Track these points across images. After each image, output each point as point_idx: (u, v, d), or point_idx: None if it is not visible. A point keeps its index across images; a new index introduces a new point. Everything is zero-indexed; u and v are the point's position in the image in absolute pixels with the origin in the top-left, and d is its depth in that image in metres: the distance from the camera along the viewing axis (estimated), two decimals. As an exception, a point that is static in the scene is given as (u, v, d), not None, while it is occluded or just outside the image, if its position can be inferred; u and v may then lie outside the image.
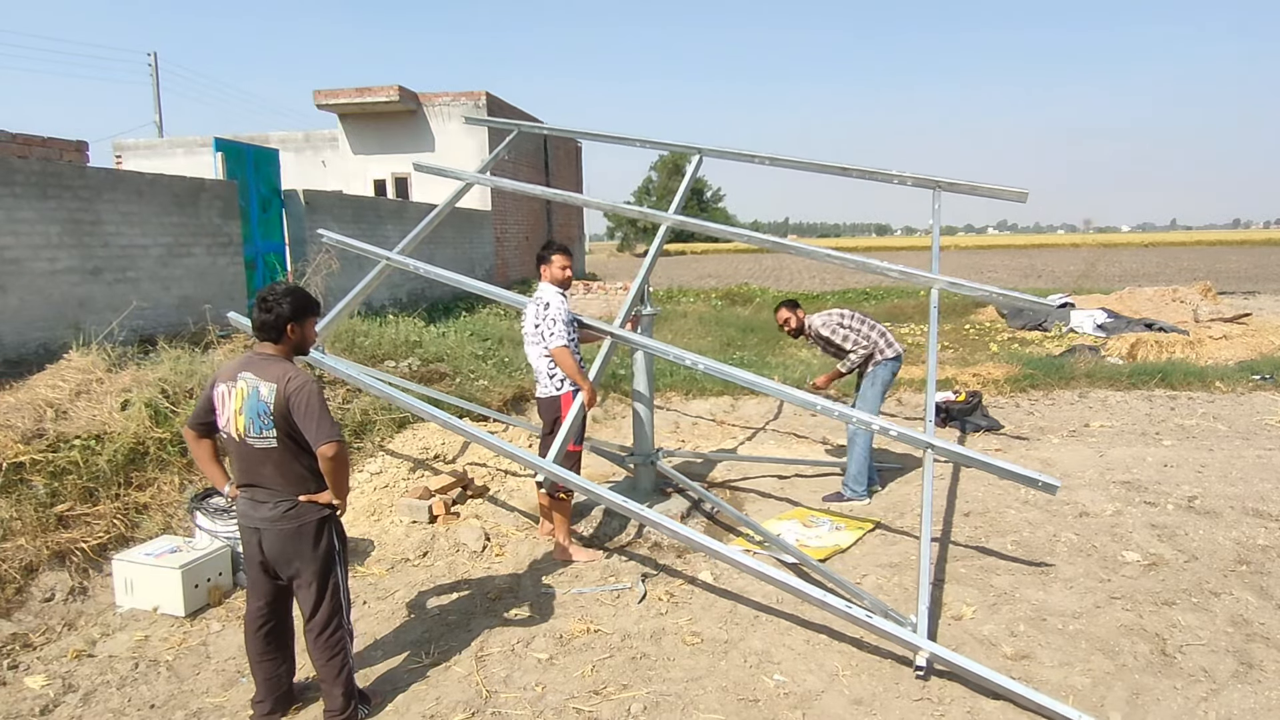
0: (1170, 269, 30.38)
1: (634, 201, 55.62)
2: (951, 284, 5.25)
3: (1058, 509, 5.18)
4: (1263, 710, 3.07)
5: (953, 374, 9.14)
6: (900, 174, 5.83)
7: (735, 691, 3.28)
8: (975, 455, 4.09)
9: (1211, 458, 6.25)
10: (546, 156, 20.95)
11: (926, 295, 5.35)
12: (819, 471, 6.42)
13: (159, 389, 5.37)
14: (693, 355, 4.74)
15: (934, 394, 4.86)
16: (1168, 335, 10.93)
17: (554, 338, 4.54)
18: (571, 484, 4.10)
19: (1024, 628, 3.73)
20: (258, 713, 3.15)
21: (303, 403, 2.90)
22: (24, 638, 3.78)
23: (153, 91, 31.04)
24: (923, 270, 5.41)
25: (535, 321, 4.67)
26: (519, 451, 4.31)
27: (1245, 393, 8.46)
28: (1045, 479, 3.78)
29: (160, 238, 7.54)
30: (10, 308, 6.10)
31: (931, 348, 5.04)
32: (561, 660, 3.57)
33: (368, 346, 7.64)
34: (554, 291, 4.70)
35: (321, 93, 16.38)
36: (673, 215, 5.77)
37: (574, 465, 4.65)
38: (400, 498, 5.41)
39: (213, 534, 4.37)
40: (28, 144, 7.03)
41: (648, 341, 5.02)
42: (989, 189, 5.69)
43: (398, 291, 12.15)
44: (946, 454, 4.18)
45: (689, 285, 21.63)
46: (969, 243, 77.98)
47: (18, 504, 4.28)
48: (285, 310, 3.03)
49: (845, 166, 5.91)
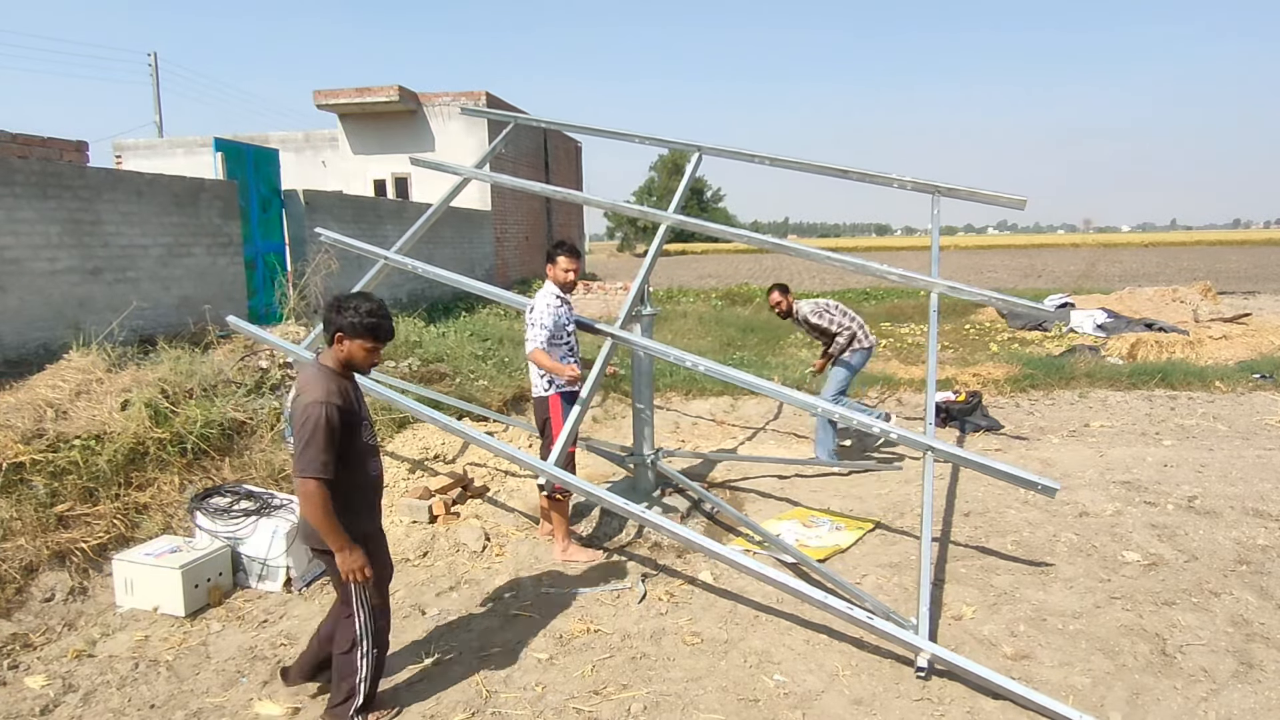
0: (1170, 269, 30.37)
1: (634, 201, 55.63)
2: (951, 288, 5.25)
3: (1058, 509, 5.18)
4: (1263, 710, 3.07)
5: (953, 374, 9.14)
6: (900, 178, 5.82)
7: (735, 691, 3.29)
8: (974, 458, 4.09)
9: (1211, 458, 6.25)
10: (546, 156, 20.96)
11: (926, 296, 5.35)
12: (819, 471, 6.42)
13: (159, 389, 5.37)
14: (693, 356, 4.74)
15: (934, 394, 4.86)
16: (1168, 335, 10.93)
17: (529, 342, 4.58)
18: (571, 485, 4.10)
19: (1024, 628, 3.73)
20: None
21: (298, 422, 2.83)
22: (24, 638, 3.78)
23: (153, 91, 31.04)
24: (922, 273, 5.42)
25: (528, 322, 4.69)
26: (516, 452, 4.31)
27: (1245, 393, 8.46)
28: (1045, 481, 3.78)
29: (160, 238, 7.54)
30: (10, 308, 6.10)
31: (931, 350, 5.04)
32: (561, 660, 3.57)
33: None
34: (549, 293, 4.69)
35: (321, 93, 16.39)
36: (672, 215, 5.77)
37: (568, 466, 4.64)
38: (400, 498, 5.41)
39: (213, 534, 4.37)
40: (28, 144, 7.03)
41: (647, 343, 5.02)
42: (987, 195, 5.68)
43: (397, 291, 12.15)
44: (946, 456, 4.18)
45: (689, 285, 21.62)
46: (969, 243, 77.94)
47: (18, 504, 4.28)
48: (341, 321, 2.92)
49: (845, 169, 5.91)
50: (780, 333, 12.80)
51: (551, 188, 7.02)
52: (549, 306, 4.63)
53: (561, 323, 4.68)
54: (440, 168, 7.24)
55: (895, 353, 10.74)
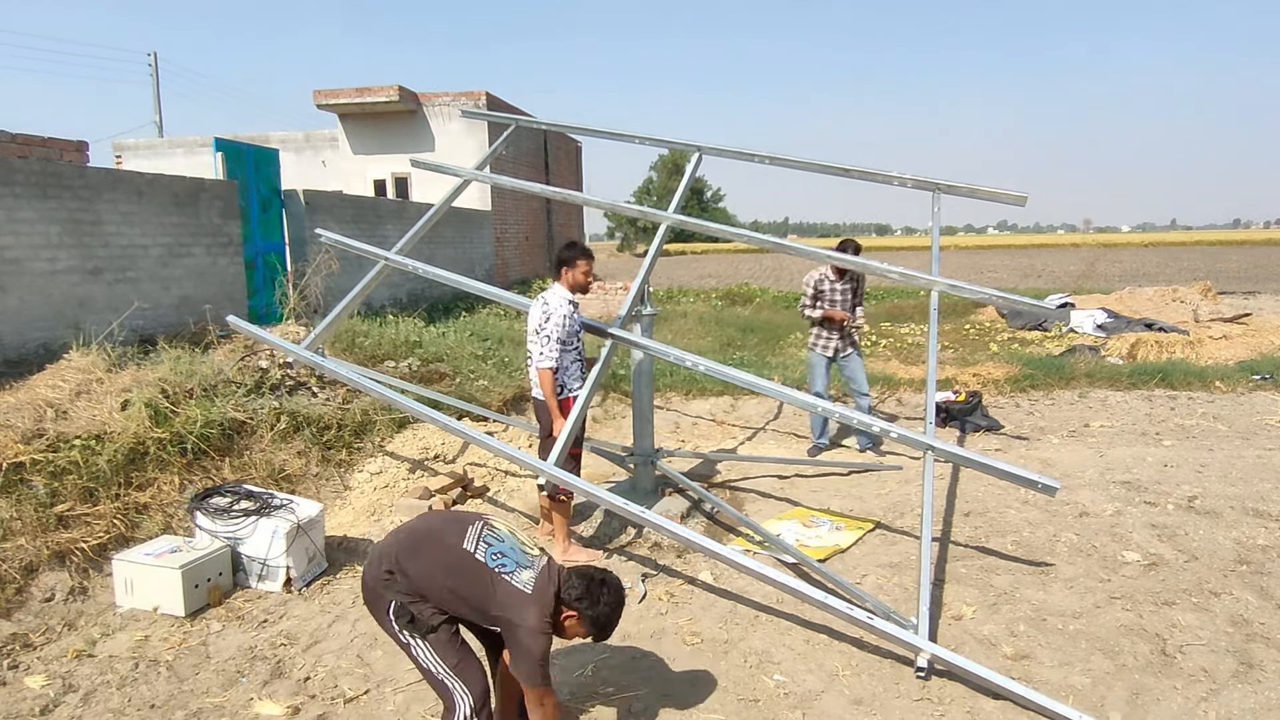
0: (1170, 269, 30.36)
1: (634, 201, 55.64)
2: (951, 286, 5.25)
3: (1058, 509, 5.18)
4: (1263, 710, 3.07)
5: (953, 374, 9.14)
6: (900, 175, 5.82)
7: (735, 691, 3.29)
8: (975, 457, 4.09)
9: (1211, 458, 6.25)
10: (546, 156, 20.95)
11: (927, 296, 5.35)
12: (819, 471, 6.42)
13: (159, 389, 5.37)
14: (693, 356, 4.73)
15: (934, 394, 4.86)
16: (1168, 335, 10.93)
17: (543, 359, 4.46)
18: (572, 486, 4.10)
19: (1024, 628, 3.73)
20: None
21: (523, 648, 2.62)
22: (24, 638, 3.78)
23: (153, 92, 31.05)
24: (923, 271, 5.41)
25: (537, 327, 4.57)
26: (519, 454, 4.31)
27: (1245, 393, 8.46)
28: (1045, 480, 3.78)
29: (160, 238, 7.54)
30: (10, 308, 6.10)
31: (932, 349, 5.04)
32: (561, 660, 3.57)
33: (367, 347, 7.64)
34: (563, 299, 4.55)
35: (321, 93, 16.38)
36: (673, 215, 5.77)
37: (574, 468, 4.64)
38: (400, 498, 5.41)
39: (213, 534, 4.37)
40: (28, 144, 7.03)
41: (648, 343, 5.02)
42: (988, 192, 5.68)
43: (397, 291, 12.15)
44: (946, 455, 4.18)
45: (689, 285, 21.61)
46: (969, 243, 77.86)
47: (18, 504, 4.28)
48: (583, 607, 2.70)
49: (846, 167, 5.91)
50: (780, 333, 12.80)
51: (551, 189, 7.02)
52: (566, 318, 4.48)
53: (574, 329, 4.62)
54: (440, 169, 7.24)
55: (895, 352, 10.73)
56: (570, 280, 4.62)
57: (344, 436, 5.91)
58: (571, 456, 4.63)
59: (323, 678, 3.51)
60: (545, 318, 4.51)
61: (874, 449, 6.85)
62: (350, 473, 5.74)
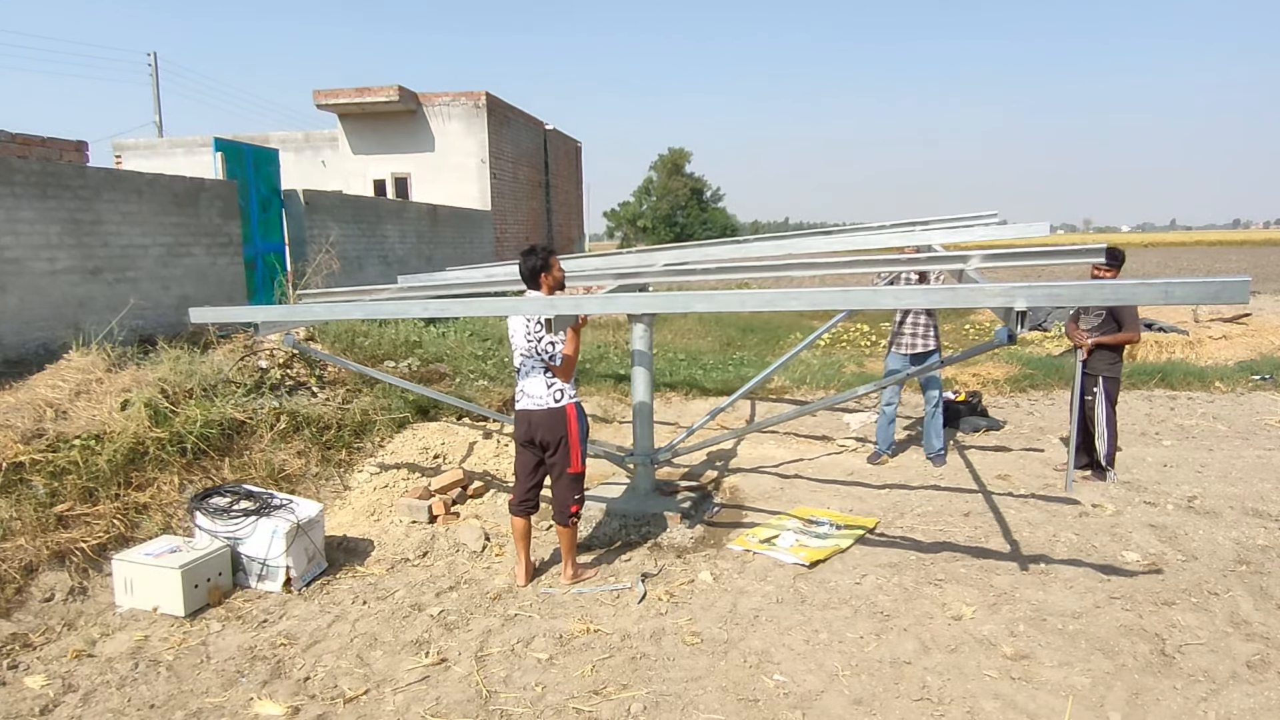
0: (1170, 269, 30.37)
1: (634, 201, 55.78)
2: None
3: (1057, 509, 5.18)
4: (1262, 710, 3.07)
5: (953, 374, 9.14)
6: (881, 224, 6.08)
7: (735, 691, 3.28)
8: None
9: (1211, 458, 6.25)
10: (546, 156, 20.95)
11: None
12: (819, 471, 6.41)
13: (159, 389, 5.37)
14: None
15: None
16: (1167, 335, 10.92)
17: (555, 344, 4.28)
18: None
19: (1024, 627, 3.73)
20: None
21: None
22: (24, 638, 3.78)
23: (153, 92, 31.03)
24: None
25: (529, 337, 4.31)
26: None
27: (1245, 393, 8.46)
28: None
29: (160, 238, 7.54)
30: (10, 308, 6.10)
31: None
32: (561, 660, 3.57)
33: (367, 347, 7.64)
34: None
35: (321, 93, 16.37)
36: (662, 266, 5.51)
37: (580, 485, 4.47)
38: (400, 498, 5.41)
39: (212, 534, 4.37)
40: (27, 144, 7.02)
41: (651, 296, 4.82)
42: (967, 219, 5.74)
43: (397, 291, 12.15)
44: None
45: (689, 285, 21.60)
46: (969, 243, 77.66)
47: (18, 504, 4.28)
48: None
49: (828, 229, 6.09)
50: (779, 333, 12.80)
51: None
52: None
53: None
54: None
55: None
56: (551, 283, 4.38)
57: (344, 436, 5.91)
58: (580, 474, 4.51)
59: (322, 678, 3.50)
60: (538, 333, 4.28)
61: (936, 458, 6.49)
62: (350, 473, 5.74)
